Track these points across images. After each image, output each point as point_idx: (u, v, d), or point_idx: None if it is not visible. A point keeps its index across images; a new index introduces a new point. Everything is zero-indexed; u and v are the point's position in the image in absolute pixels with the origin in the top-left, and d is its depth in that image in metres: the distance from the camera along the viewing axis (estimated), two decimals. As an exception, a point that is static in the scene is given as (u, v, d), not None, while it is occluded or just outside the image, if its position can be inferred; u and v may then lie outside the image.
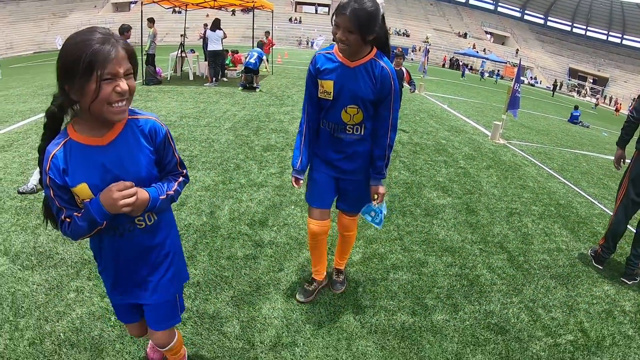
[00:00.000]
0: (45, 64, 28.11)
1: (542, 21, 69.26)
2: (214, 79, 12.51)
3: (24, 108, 9.82)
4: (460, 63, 42.60)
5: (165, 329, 1.90)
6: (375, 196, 2.61)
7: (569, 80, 55.01)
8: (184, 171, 1.79)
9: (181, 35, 14.99)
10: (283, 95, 11.31)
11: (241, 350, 2.45)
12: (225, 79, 13.62)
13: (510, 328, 2.84)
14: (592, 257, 3.99)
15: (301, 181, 2.66)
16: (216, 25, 12.20)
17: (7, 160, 5.92)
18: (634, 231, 3.82)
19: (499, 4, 68.73)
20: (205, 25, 16.66)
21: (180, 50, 14.28)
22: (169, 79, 13.41)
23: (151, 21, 13.35)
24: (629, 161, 3.83)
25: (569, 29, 69.30)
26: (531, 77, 50.46)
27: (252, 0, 13.09)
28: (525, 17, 69.21)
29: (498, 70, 43.91)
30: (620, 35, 65.92)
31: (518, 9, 69.04)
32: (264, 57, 13.13)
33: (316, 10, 62.23)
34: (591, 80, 55.54)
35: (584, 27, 68.56)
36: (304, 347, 2.50)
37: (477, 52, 51.36)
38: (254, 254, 3.44)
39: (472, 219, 4.51)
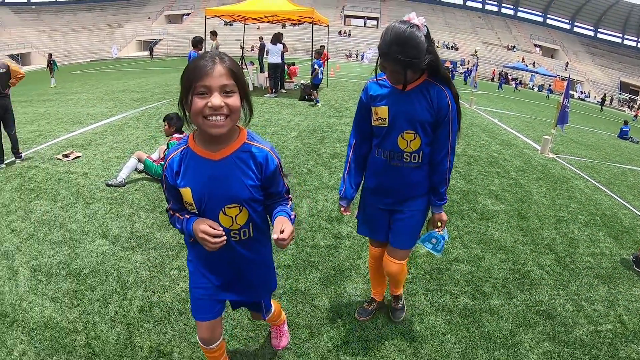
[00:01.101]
0: (103, 71, 29.84)
1: (592, 33, 67.22)
2: (273, 90, 13.33)
3: (95, 112, 10.91)
4: (500, 76, 41.90)
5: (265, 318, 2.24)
6: (439, 223, 2.56)
7: (620, 94, 53.22)
8: (290, 196, 1.92)
9: (241, 48, 15.93)
10: (341, 107, 11.99)
11: (331, 319, 3.06)
12: (283, 91, 14.43)
13: (557, 315, 3.32)
14: (634, 262, 4.38)
15: (349, 210, 2.71)
16: (277, 39, 12.98)
17: (89, 157, 6.85)
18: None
19: (548, 15, 67.34)
20: (261, 38, 17.61)
21: (240, 62, 15.22)
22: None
23: (214, 34, 14.21)
24: None
25: (619, 40, 67.07)
26: (581, 92, 49.20)
27: (309, 15, 13.85)
28: (575, 28, 67.43)
29: (549, 85, 43.05)
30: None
31: (567, 21, 67.42)
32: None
33: (365, 24, 62.85)
34: (643, 94, 53.59)
35: (636, 38, 66.16)
36: (383, 318, 3.08)
37: (526, 65, 50.54)
38: (334, 244, 4.07)
39: (523, 224, 4.99)
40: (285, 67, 15.95)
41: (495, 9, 68.04)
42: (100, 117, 10.00)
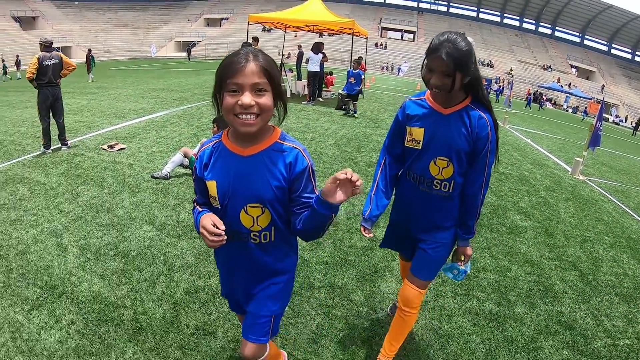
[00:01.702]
0: (143, 69, 30.84)
1: (629, 56, 65.77)
2: (311, 98, 13.74)
3: (137, 107, 11.48)
4: (528, 94, 41.28)
5: (252, 342, 1.83)
6: (463, 257, 2.44)
7: (655, 119, 51.84)
8: None
9: (281, 55, 16.40)
10: (377, 119, 12.33)
11: (366, 313, 3.34)
12: (320, 99, 14.83)
13: (577, 326, 3.52)
14: (657, 285, 4.53)
15: (371, 232, 2.54)
16: (318, 48, 13.39)
17: (133, 149, 7.32)
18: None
19: (586, 36, 66.29)
20: (300, 46, 18.07)
21: (280, 69, 15.67)
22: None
23: (255, 40, 14.65)
24: None
25: (657, 64, 65.48)
26: (616, 115, 48.21)
27: (349, 27, 14.23)
28: (613, 50, 66.15)
29: (585, 108, 42.32)
30: None
31: (605, 42, 66.17)
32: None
33: (402, 37, 63.07)
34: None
35: None
36: (414, 315, 3.35)
37: (562, 86, 49.87)
38: (370, 246, 4.36)
39: (549, 240, 5.17)
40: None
41: (533, 27, 67.37)
42: (142, 113, 10.56)
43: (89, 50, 23.50)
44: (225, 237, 1.61)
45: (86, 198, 5.20)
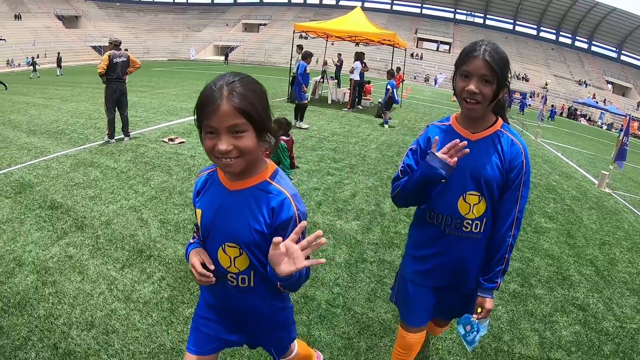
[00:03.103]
0: (184, 71, 32.16)
1: (667, 73, 64.25)
2: (352, 105, 14.57)
3: (187, 106, 12.49)
4: (518, 98, 39.43)
5: None
6: (479, 310, 2.05)
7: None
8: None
9: (325, 63, 17.20)
10: (414, 127, 13.09)
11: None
12: (360, 107, 15.63)
13: (589, 309, 4.14)
14: (667, 284, 5.07)
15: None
16: (359, 58, 14.18)
17: (192, 143, 8.23)
18: None
19: (623, 51, 65.15)
20: (340, 54, 18.87)
21: (321, 76, 16.47)
22: (309, 99, 15.65)
23: (300, 48, 15.47)
24: None
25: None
26: (650, 133, 47.28)
27: (390, 38, 14.96)
28: (650, 67, 64.75)
29: (622, 125, 41.72)
30: None
31: (642, 59, 64.90)
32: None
33: (437, 48, 63.38)
34: None
35: None
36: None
37: (597, 102, 49.27)
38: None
39: (570, 241, 5.77)
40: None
41: (569, 41, 66.67)
42: (193, 112, 11.47)
43: (125, 50, 24.33)
44: (214, 279, 1.58)
45: (157, 182, 6.05)
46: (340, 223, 5.24)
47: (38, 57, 38.62)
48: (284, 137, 6.60)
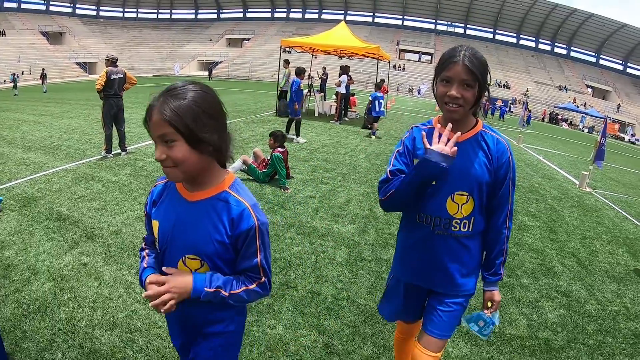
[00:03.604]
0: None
1: (646, 74, 66.25)
2: (339, 117, 14.96)
3: (180, 122, 12.58)
4: (500, 105, 40.34)
5: None
6: (490, 304, 2.10)
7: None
8: (263, 279, 1.55)
9: (310, 77, 17.58)
10: (400, 137, 13.29)
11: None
12: (346, 119, 16.04)
13: (572, 295, 4.47)
14: (645, 272, 5.44)
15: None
16: (345, 71, 14.58)
17: None
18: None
19: (601, 56, 66.94)
20: (324, 68, 19.29)
21: (308, 90, 16.85)
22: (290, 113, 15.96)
23: (287, 62, 15.82)
24: None
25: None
26: (632, 134, 48.55)
27: (375, 52, 15.41)
28: (628, 69, 66.53)
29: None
30: None
31: (620, 62, 66.70)
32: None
33: (419, 58, 64.59)
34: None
35: None
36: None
37: (578, 106, 50.46)
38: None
39: (553, 236, 6.13)
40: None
41: (549, 47, 68.34)
42: (187, 128, 11.71)
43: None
44: (174, 308, 1.48)
45: (160, 195, 6.27)
46: (337, 227, 5.52)
47: (20, 74, 38.43)
48: (279, 149, 6.91)
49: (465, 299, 2.10)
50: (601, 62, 67.27)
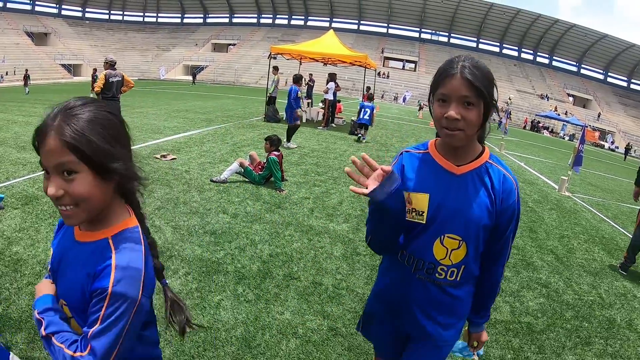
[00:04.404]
0: (157, 91, 32.31)
1: (625, 83, 68.22)
2: (326, 124, 15.32)
3: (170, 125, 12.87)
4: (500, 115, 42.07)
5: None
6: (475, 343, 1.92)
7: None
8: (90, 344, 1.12)
9: (307, 84, 17.92)
10: (386, 143, 14.01)
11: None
12: (334, 125, 16.40)
13: (551, 286, 4.84)
14: (619, 267, 5.79)
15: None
16: (332, 78, 14.94)
17: (184, 160, 8.70)
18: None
19: (582, 65, 68.75)
20: (311, 74, 19.66)
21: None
22: (284, 119, 16.15)
23: (276, 69, 16.07)
24: None
25: (653, 91, 67.79)
26: (612, 142, 49.89)
27: (362, 60, 15.82)
28: (608, 79, 68.63)
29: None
30: None
31: (601, 71, 68.63)
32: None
33: (403, 66, 65.54)
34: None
35: None
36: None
37: (559, 114, 51.70)
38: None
39: (532, 235, 6.53)
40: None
41: (531, 57, 69.92)
42: (177, 130, 11.94)
43: (94, 70, 23.56)
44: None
45: (160, 194, 6.44)
46: (332, 225, 5.81)
47: (4, 74, 37.88)
48: (275, 153, 7.20)
49: (445, 350, 1.82)
50: (582, 71, 69.19)
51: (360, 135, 13.83)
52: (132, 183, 1.30)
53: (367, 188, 1.44)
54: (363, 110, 13.62)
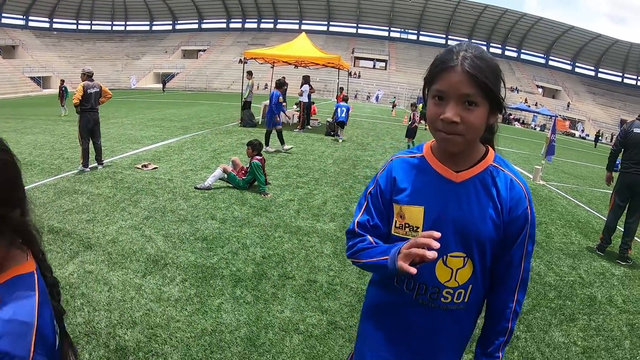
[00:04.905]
0: (129, 100, 31.83)
1: (593, 73, 70.72)
2: (302, 126, 15.49)
3: (147, 134, 12.82)
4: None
5: None
6: None
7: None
8: None
9: (266, 86, 18.02)
10: (363, 143, 14.23)
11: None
12: (309, 127, 16.59)
13: (534, 270, 5.04)
14: (596, 248, 6.06)
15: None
16: (307, 80, 15.10)
17: (165, 169, 8.73)
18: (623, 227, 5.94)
19: (550, 57, 70.62)
20: (283, 77, 19.77)
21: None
22: (259, 123, 16.27)
23: (250, 74, 16.11)
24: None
25: (620, 79, 70.60)
26: (582, 130, 51.27)
27: (335, 62, 16.01)
28: (576, 69, 70.86)
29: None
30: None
31: (569, 62, 70.71)
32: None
33: (374, 65, 66.11)
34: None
35: (635, 77, 69.75)
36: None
37: (529, 106, 52.93)
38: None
39: (513, 223, 6.76)
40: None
41: (499, 51, 71.34)
42: (155, 140, 11.91)
43: (62, 82, 22.71)
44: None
45: (146, 203, 6.45)
46: (319, 225, 5.94)
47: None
48: (257, 157, 7.30)
49: None
50: (550, 63, 71.24)
51: (337, 135, 14.11)
52: (29, 233, 1.12)
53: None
54: (340, 109, 13.92)
